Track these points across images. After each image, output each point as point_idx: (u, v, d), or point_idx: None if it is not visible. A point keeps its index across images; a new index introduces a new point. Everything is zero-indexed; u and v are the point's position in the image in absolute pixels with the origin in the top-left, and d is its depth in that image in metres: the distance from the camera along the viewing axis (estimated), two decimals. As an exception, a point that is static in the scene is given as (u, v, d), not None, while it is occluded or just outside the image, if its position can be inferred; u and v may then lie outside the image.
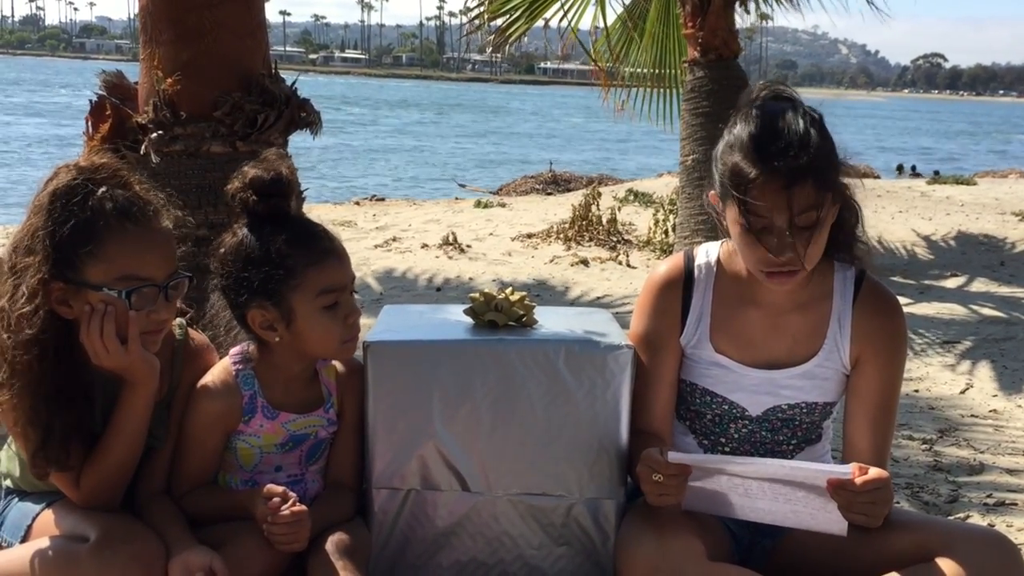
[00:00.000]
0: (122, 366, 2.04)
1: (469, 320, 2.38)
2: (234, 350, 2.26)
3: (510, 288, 2.43)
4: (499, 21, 8.01)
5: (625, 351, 2.25)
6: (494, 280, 7.39)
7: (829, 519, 2.05)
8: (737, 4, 7.43)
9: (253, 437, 2.22)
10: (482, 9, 7.99)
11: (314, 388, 2.28)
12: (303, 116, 3.49)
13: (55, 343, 2.00)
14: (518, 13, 7.91)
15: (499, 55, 8.72)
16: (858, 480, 2.00)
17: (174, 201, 2.15)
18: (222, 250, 2.17)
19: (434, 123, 45.41)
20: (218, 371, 2.24)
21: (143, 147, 3.28)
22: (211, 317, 2.25)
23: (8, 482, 2.31)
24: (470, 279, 7.50)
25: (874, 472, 2.02)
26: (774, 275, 2.13)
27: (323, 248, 2.16)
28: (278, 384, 2.24)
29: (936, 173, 20.25)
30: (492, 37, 8.14)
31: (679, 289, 2.32)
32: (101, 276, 2.00)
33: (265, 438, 2.22)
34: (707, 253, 2.35)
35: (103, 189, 2.01)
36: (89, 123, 3.41)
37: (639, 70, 8.84)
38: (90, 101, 3.44)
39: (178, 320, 2.26)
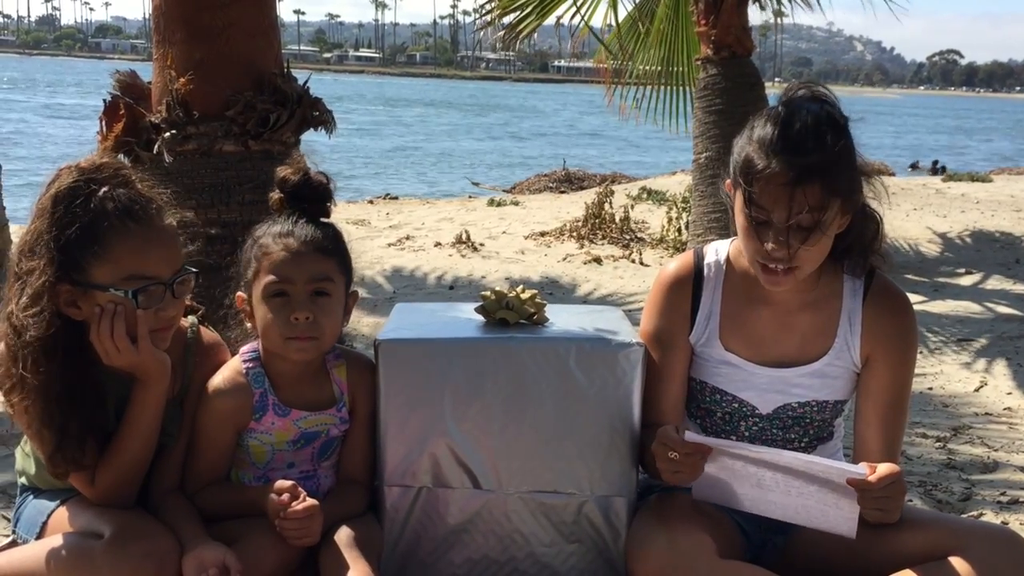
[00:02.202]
0: (133, 364, 2.06)
1: (480, 318, 2.38)
2: (245, 348, 2.28)
3: (521, 286, 2.44)
4: (510, 17, 8.01)
5: (636, 349, 2.26)
6: (507, 278, 7.40)
7: (840, 516, 2.05)
8: (751, 1, 7.41)
9: (265, 434, 2.23)
10: (493, 5, 7.99)
11: (325, 387, 2.28)
12: (315, 115, 3.50)
13: (64, 344, 2.02)
14: (529, 9, 7.90)
15: (512, 52, 8.76)
16: (872, 477, 2.00)
17: (178, 198, 2.16)
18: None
19: (448, 122, 45.42)
20: (229, 369, 2.26)
21: (156, 146, 3.30)
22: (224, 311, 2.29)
23: (23, 479, 2.33)
24: (483, 277, 7.51)
25: (885, 468, 2.03)
26: (769, 272, 2.13)
27: (268, 242, 2.18)
28: (288, 382, 2.25)
29: (944, 169, 20.13)
30: (503, 33, 8.14)
31: (689, 287, 2.32)
32: (107, 276, 2.02)
33: (277, 435, 2.23)
34: (717, 251, 2.36)
35: (104, 189, 2.03)
36: (103, 123, 3.43)
37: (648, 67, 8.82)
38: (104, 101, 3.46)
39: (190, 318, 2.28)
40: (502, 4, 7.93)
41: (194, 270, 2.14)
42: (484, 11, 8.11)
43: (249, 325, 2.25)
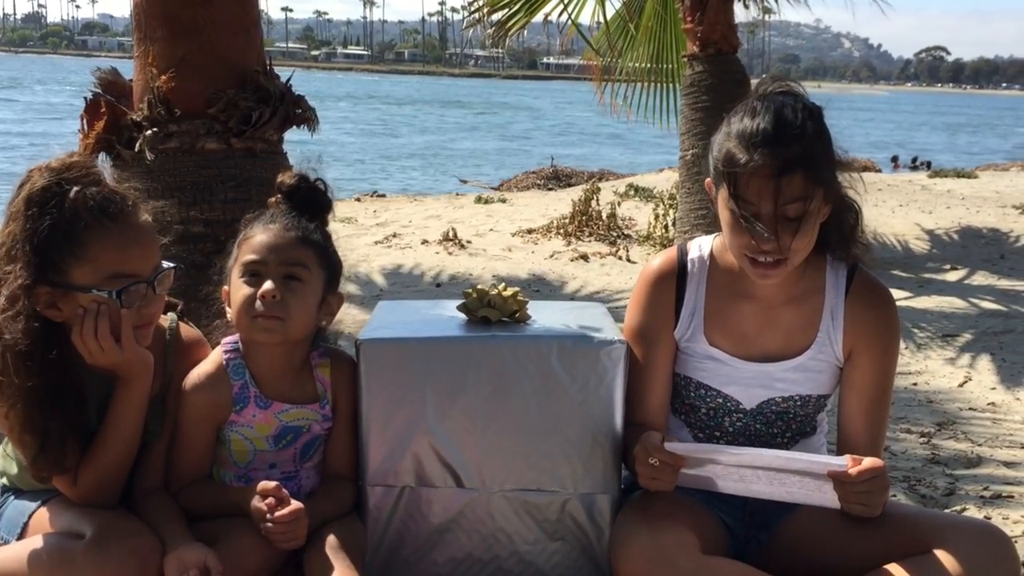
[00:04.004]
0: (117, 363, 2.05)
1: (463, 316, 2.38)
2: (226, 339, 2.28)
3: (503, 284, 2.43)
4: (498, 15, 8.00)
5: (618, 346, 2.25)
6: (494, 276, 7.39)
7: (823, 498, 2.08)
8: (736, -1, 7.41)
9: (246, 428, 2.22)
10: (481, 2, 7.97)
11: (308, 384, 2.28)
12: (298, 112, 3.48)
13: (43, 347, 2.00)
14: (517, 7, 7.89)
15: (501, 50, 8.72)
16: (852, 470, 2.01)
17: (160, 196, 2.15)
18: None
19: (435, 119, 45.37)
20: (209, 362, 2.26)
21: (138, 144, 3.27)
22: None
23: (4, 480, 2.31)
24: (470, 275, 7.51)
25: (868, 461, 2.04)
26: (758, 265, 2.13)
27: (252, 229, 2.23)
28: (271, 378, 2.24)
29: (928, 165, 20.19)
30: (492, 31, 8.12)
31: (672, 283, 2.32)
32: (88, 277, 2.00)
33: (258, 428, 2.22)
34: (700, 247, 2.36)
35: (77, 189, 2.01)
36: (84, 121, 3.40)
37: (636, 64, 8.83)
38: (85, 99, 3.43)
39: (169, 315, 2.27)
40: (490, 1, 7.92)
41: (173, 264, 2.13)
42: (472, 8, 8.09)
43: (229, 316, 2.24)
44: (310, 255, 2.21)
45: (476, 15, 7.99)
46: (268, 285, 2.14)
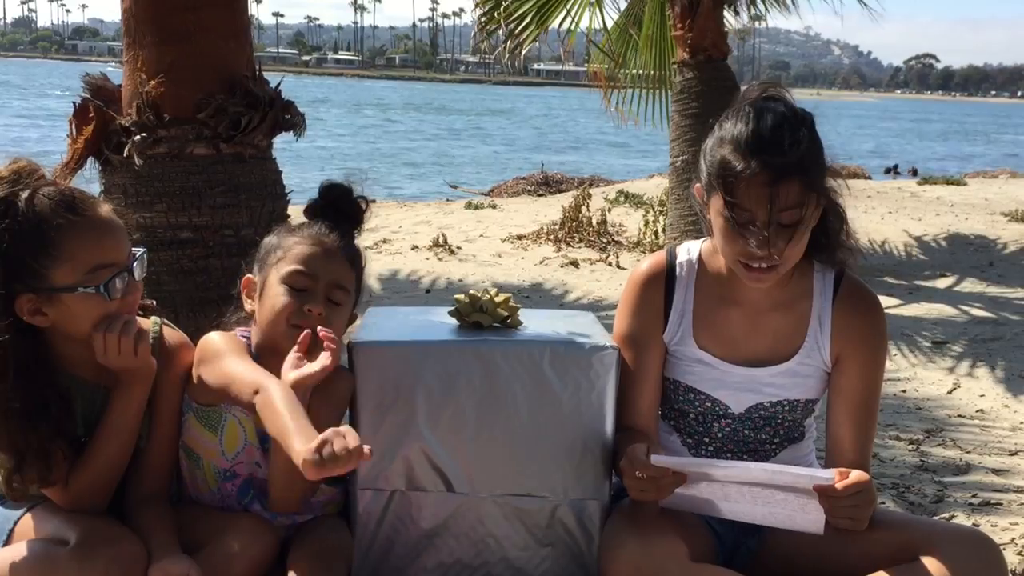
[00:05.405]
0: (127, 366, 2.05)
1: (454, 321, 2.38)
2: (240, 329, 2.28)
3: (495, 289, 2.43)
4: (510, 28, 7.97)
5: (610, 352, 2.26)
6: (484, 281, 7.39)
7: (807, 519, 2.06)
8: (726, 5, 7.44)
9: (242, 413, 2.18)
10: (497, 14, 7.92)
11: None
12: (287, 118, 3.46)
13: (23, 357, 1.99)
14: (528, 19, 7.88)
15: (490, 56, 8.70)
16: (839, 485, 2.01)
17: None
18: None
19: (425, 124, 45.37)
20: (232, 333, 2.26)
21: (126, 150, 3.25)
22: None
23: (-9, 487, 2.29)
24: (460, 280, 7.51)
25: (854, 475, 2.04)
26: (752, 271, 2.13)
27: (301, 234, 2.24)
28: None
29: (914, 173, 20.30)
30: (505, 44, 8.07)
31: (661, 286, 2.33)
32: (70, 276, 2.00)
33: (255, 418, 2.19)
34: (688, 251, 2.36)
35: (29, 192, 1.99)
36: (72, 126, 3.37)
37: (637, 71, 8.85)
38: (73, 104, 3.41)
39: (152, 318, 2.26)
40: (504, 14, 7.88)
41: (144, 248, 2.14)
42: (482, 23, 8.05)
43: (249, 307, 2.24)
44: (352, 278, 2.24)
45: (489, 27, 7.94)
46: (317, 305, 2.15)
